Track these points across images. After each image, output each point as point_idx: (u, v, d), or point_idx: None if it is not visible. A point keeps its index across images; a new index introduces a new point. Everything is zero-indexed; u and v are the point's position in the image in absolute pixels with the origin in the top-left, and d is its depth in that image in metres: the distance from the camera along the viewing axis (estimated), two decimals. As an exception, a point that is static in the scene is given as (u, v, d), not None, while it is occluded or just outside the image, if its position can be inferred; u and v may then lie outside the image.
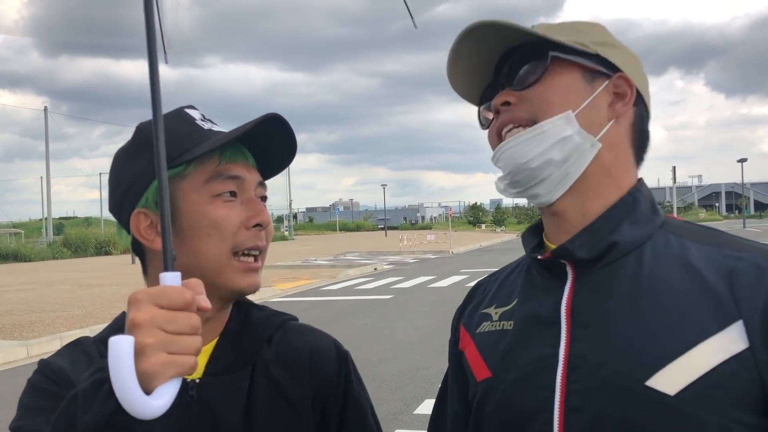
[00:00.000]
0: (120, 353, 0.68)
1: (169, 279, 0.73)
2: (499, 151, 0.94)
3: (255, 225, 0.99)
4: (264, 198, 1.05)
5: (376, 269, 22.44)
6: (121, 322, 1.00)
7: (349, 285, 17.39)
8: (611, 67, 0.95)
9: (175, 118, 1.01)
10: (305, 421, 1.04)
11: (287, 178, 71.60)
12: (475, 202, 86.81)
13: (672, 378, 0.80)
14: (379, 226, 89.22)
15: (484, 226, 77.18)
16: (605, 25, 0.99)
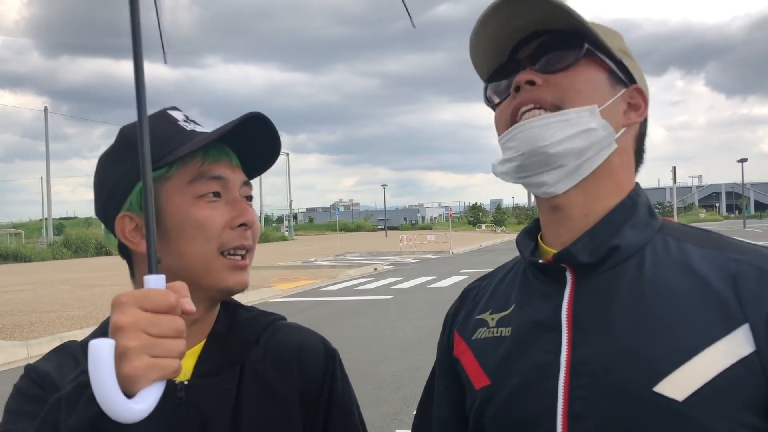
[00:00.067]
0: (99, 356, 0.68)
1: (153, 282, 0.73)
2: (516, 129, 0.91)
3: (240, 225, 0.99)
4: (249, 197, 1.05)
5: (376, 269, 22.43)
6: (107, 326, 1.00)
7: (349, 285, 17.38)
8: (629, 77, 0.96)
9: (157, 119, 1.01)
10: (293, 418, 1.04)
11: (287, 179, 71.63)
12: (476, 203, 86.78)
13: (680, 383, 0.79)
14: (380, 227, 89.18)
15: (484, 226, 77.15)
16: (605, 25, 0.99)
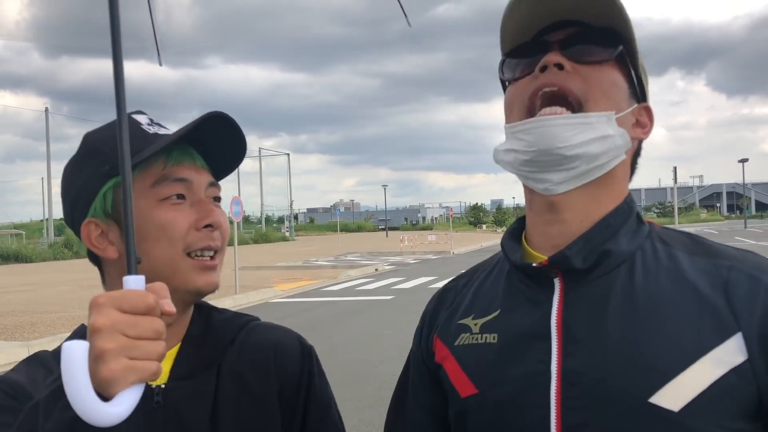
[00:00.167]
0: (72, 359, 0.66)
1: (133, 282, 0.71)
2: (534, 123, 0.88)
3: (206, 226, 0.98)
4: (217, 199, 1.04)
5: (377, 270, 22.42)
6: (81, 333, 0.99)
7: (350, 286, 17.38)
8: (643, 95, 0.96)
9: None
10: (272, 417, 1.04)
11: (288, 179, 71.66)
12: (476, 203, 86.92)
13: (676, 394, 0.79)
14: (380, 227, 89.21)
15: (485, 226, 77.21)
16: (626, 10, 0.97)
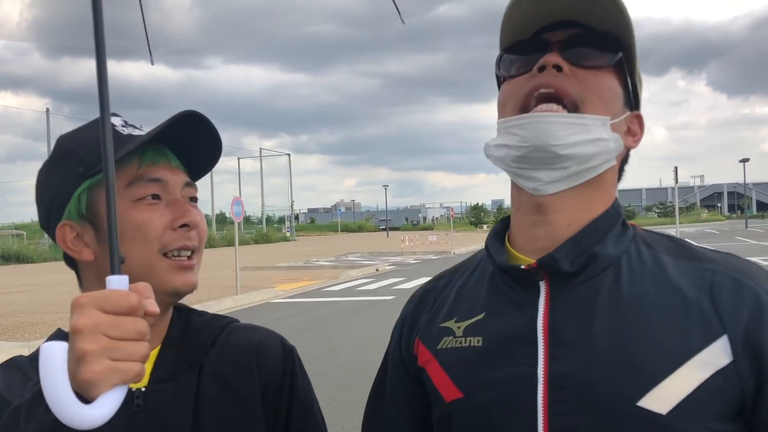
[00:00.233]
0: (50, 361, 0.65)
1: (116, 282, 0.70)
2: (529, 119, 0.88)
3: (182, 225, 0.98)
4: (194, 199, 1.04)
5: (377, 270, 22.42)
6: (59, 337, 0.98)
7: (350, 286, 17.38)
8: (636, 102, 0.97)
9: (94, 127, 1.00)
10: (256, 418, 1.04)
11: (289, 179, 71.68)
12: (477, 203, 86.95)
13: (663, 397, 0.80)
14: (381, 227, 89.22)
15: (485, 226, 77.14)
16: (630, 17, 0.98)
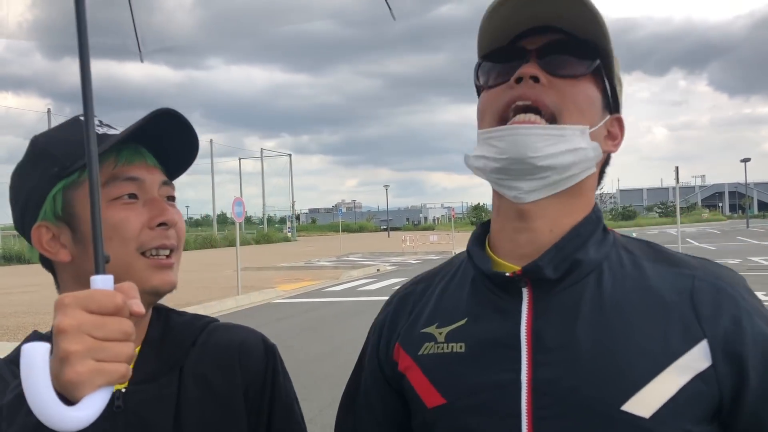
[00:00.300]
0: (32, 362, 0.65)
1: (101, 282, 0.69)
2: (507, 131, 0.87)
3: (160, 224, 0.98)
4: (171, 198, 1.03)
5: (378, 270, 22.41)
6: (34, 339, 0.96)
7: (351, 286, 17.36)
8: (616, 105, 0.96)
9: (69, 127, 1.00)
10: (237, 416, 1.04)
11: (290, 180, 71.71)
12: (478, 203, 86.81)
13: (646, 401, 0.81)
14: (382, 227, 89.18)
15: (486, 226, 76.95)
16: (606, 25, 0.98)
